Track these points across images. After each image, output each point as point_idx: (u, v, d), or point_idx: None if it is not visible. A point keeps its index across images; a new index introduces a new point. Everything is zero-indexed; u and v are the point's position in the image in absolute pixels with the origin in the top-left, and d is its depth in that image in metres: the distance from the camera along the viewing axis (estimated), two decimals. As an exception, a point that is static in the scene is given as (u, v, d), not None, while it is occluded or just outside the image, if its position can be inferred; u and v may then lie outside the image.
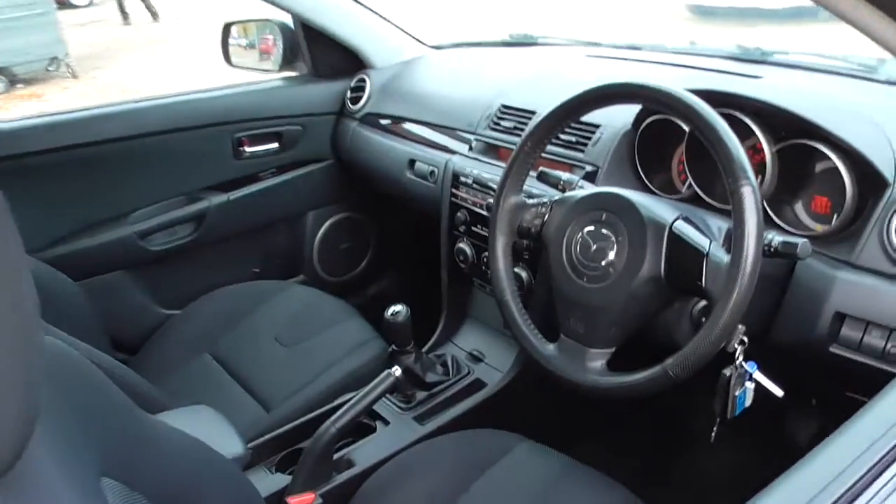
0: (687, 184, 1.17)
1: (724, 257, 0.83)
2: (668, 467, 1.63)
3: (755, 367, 0.90)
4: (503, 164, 1.39)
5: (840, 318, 0.93)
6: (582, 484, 1.05)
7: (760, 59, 1.43)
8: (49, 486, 0.50)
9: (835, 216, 1.02)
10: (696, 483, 1.59)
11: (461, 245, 1.45)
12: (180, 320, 1.59)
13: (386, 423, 1.27)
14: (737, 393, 0.90)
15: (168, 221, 1.69)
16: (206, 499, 0.77)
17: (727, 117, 0.87)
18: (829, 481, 0.53)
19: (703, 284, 0.84)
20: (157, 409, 1.05)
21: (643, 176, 1.22)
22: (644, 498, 1.03)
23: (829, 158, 0.98)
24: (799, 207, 1.07)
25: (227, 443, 0.99)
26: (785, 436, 1.51)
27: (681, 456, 1.65)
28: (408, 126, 1.71)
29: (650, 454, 1.65)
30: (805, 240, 0.84)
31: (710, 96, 0.92)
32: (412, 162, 1.63)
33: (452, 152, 1.53)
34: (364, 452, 1.19)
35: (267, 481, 1.13)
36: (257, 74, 1.90)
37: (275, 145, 1.81)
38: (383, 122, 1.78)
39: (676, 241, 0.88)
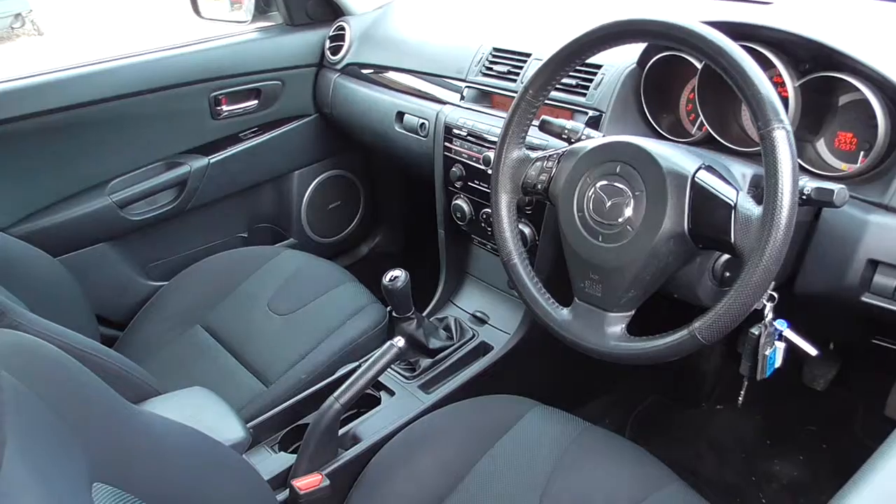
0: (698, 125, 1.10)
1: (755, 209, 0.76)
2: (682, 423, 1.61)
3: (786, 325, 0.84)
4: (499, 113, 1.31)
5: (873, 265, 0.87)
6: (599, 446, 1.01)
7: None
8: (27, 503, 0.46)
9: (861, 153, 0.95)
10: (710, 435, 1.58)
11: (458, 202, 1.37)
12: (168, 292, 1.52)
13: (391, 393, 1.22)
14: (767, 353, 0.84)
15: (148, 189, 1.61)
16: (207, 492, 0.73)
17: (746, 51, 0.79)
18: None
19: (732, 240, 0.77)
20: (148, 395, 1.00)
21: (651, 119, 1.14)
22: (659, 456, 1.00)
23: (854, 90, 0.91)
24: (821, 145, 1.00)
25: (226, 427, 0.95)
26: (802, 380, 1.48)
27: (694, 409, 1.62)
28: (393, 75, 1.61)
29: (664, 411, 1.63)
30: (842, 186, 0.77)
31: (728, 28, 0.84)
32: (400, 114, 1.54)
33: (443, 102, 1.44)
34: (371, 426, 1.14)
35: (269, 461, 1.08)
36: (230, 27, 1.79)
37: (254, 102, 1.72)
38: (366, 72, 1.69)
39: (701, 192, 0.81)
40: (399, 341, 1.05)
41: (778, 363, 0.86)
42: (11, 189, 1.45)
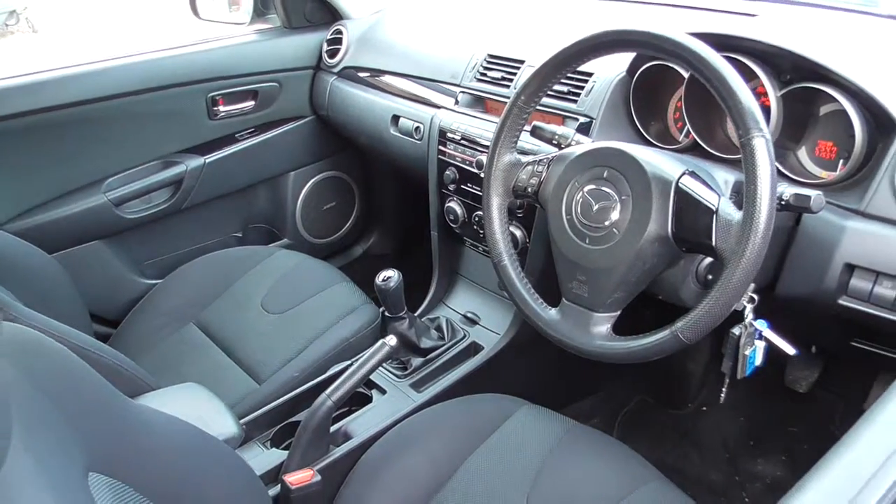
0: (685, 132, 1.12)
1: (735, 214, 0.79)
2: (668, 423, 1.64)
3: (766, 325, 0.87)
4: (492, 118, 1.34)
5: (850, 269, 0.90)
6: (585, 445, 1.04)
7: None
8: (30, 491, 0.48)
9: (840, 162, 0.98)
10: (695, 436, 1.60)
11: (451, 204, 1.40)
12: (162, 290, 1.54)
13: (382, 391, 1.24)
14: (747, 352, 0.87)
15: (144, 188, 1.62)
16: (199, 485, 0.75)
17: (730, 62, 0.82)
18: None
19: (714, 243, 0.80)
20: (143, 390, 1.01)
21: (639, 126, 1.16)
22: (646, 455, 1.02)
23: (833, 101, 0.94)
24: (802, 153, 1.03)
25: (220, 423, 0.96)
26: (784, 383, 1.51)
27: (680, 410, 1.65)
28: (389, 79, 1.64)
29: (650, 412, 1.65)
30: (819, 192, 0.80)
31: (713, 40, 0.87)
32: (396, 118, 1.56)
33: (438, 107, 1.46)
34: (362, 423, 1.16)
35: (262, 458, 1.10)
36: (228, 28, 1.81)
37: (251, 103, 1.74)
38: (363, 75, 1.71)
39: (684, 197, 0.83)
40: (391, 340, 1.07)
41: (758, 361, 0.89)
42: (7, 185, 1.46)
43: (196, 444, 0.78)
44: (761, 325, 0.88)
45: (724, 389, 0.97)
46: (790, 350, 0.88)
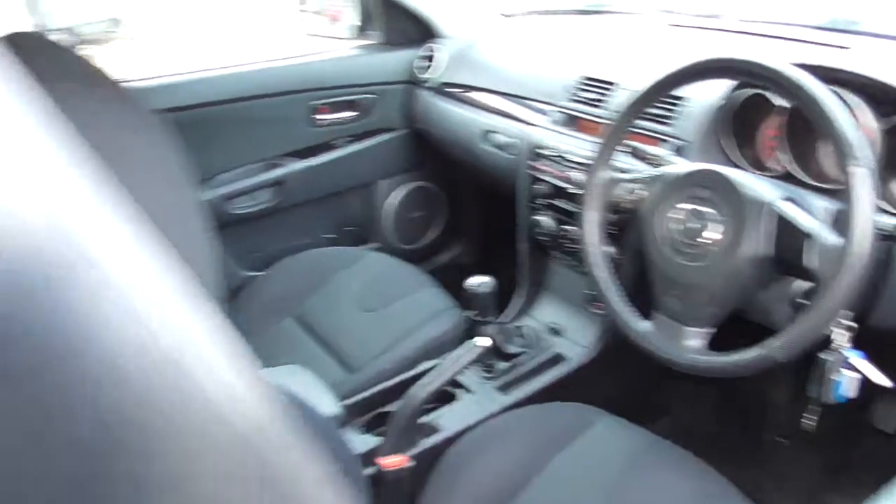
0: (775, 160, 1.15)
1: (833, 239, 0.82)
2: (747, 451, 1.63)
3: (860, 355, 0.89)
4: (584, 137, 1.39)
5: None
6: (664, 460, 1.05)
7: (845, 28, 1.38)
8: None
9: (940, 197, 0.99)
10: (772, 466, 1.59)
11: (541, 218, 1.45)
12: (263, 282, 1.64)
13: (469, 391, 1.30)
14: (834, 377, 0.89)
15: (250, 186, 1.74)
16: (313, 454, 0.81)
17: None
18: None
19: (809, 265, 0.83)
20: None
21: (732, 151, 1.19)
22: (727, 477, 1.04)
23: None
24: (900, 186, 1.04)
25: (323, 402, 1.03)
26: (872, 421, 1.49)
27: (761, 435, 1.64)
28: (480, 96, 1.71)
29: (729, 438, 1.65)
30: None
31: (816, 71, 0.90)
32: (488, 133, 1.63)
33: (530, 124, 1.52)
34: (449, 419, 1.22)
35: (357, 441, 1.17)
36: (331, 42, 1.92)
37: (349, 113, 1.85)
38: (456, 91, 1.79)
39: (780, 221, 0.87)
40: (485, 341, 1.13)
41: (849, 392, 0.90)
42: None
43: (307, 416, 0.85)
44: (852, 353, 0.89)
45: (807, 415, 0.98)
46: (885, 382, 0.89)
